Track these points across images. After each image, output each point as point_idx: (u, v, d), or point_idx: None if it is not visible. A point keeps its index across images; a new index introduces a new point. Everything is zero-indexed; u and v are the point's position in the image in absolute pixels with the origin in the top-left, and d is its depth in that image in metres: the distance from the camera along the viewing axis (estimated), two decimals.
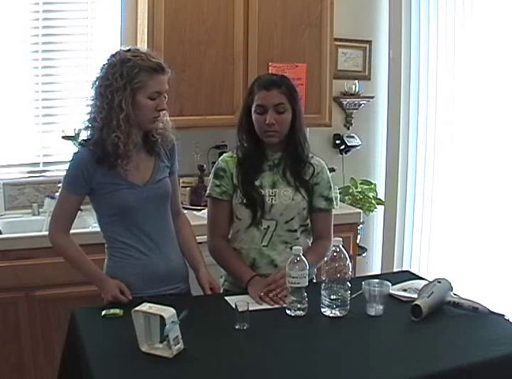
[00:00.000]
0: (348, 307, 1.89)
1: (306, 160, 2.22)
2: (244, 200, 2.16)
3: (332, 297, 1.87)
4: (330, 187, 2.27)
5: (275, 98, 2.11)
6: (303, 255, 1.92)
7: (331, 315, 1.88)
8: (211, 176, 2.25)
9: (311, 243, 2.28)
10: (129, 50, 1.97)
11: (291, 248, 2.16)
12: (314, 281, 2.26)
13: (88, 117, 2.00)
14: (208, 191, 2.23)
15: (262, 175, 2.19)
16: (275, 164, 2.20)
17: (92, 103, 1.98)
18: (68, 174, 2.03)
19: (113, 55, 1.96)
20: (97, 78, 1.96)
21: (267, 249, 2.18)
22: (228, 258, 2.20)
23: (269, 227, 2.17)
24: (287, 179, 2.19)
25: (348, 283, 1.89)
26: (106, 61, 1.97)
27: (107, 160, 1.95)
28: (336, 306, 1.87)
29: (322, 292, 1.89)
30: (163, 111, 2.01)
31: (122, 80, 1.90)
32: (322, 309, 1.89)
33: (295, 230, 2.20)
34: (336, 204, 2.34)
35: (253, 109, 2.14)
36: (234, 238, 2.25)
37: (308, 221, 2.26)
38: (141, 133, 2.04)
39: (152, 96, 1.95)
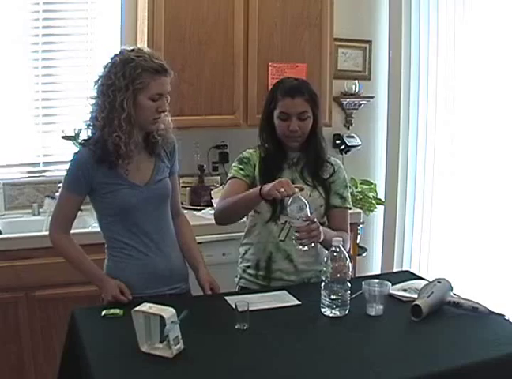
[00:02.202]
0: (348, 307, 1.89)
1: (325, 159, 2.28)
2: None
3: (332, 297, 1.87)
4: (346, 186, 2.32)
5: (299, 106, 2.15)
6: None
7: (331, 315, 1.88)
8: (234, 164, 2.28)
9: None
10: (132, 50, 1.96)
11: None
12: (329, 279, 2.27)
13: (89, 116, 1.99)
14: (230, 175, 2.24)
15: (282, 173, 2.23)
16: (293, 163, 2.25)
17: (93, 101, 1.97)
18: (68, 174, 2.03)
19: (116, 54, 1.96)
20: (100, 77, 1.96)
21: (284, 244, 2.20)
22: (235, 197, 2.12)
23: (286, 222, 2.18)
24: (304, 178, 2.24)
25: (348, 283, 1.89)
26: (109, 60, 1.96)
27: (107, 160, 1.95)
28: (336, 306, 1.87)
29: (322, 292, 1.89)
30: (165, 112, 2.01)
31: (125, 80, 1.89)
32: (322, 309, 1.89)
33: None
34: (350, 204, 2.31)
35: (275, 114, 2.18)
36: (250, 231, 2.27)
37: (324, 219, 2.28)
38: (142, 134, 2.04)
39: (154, 98, 1.94)
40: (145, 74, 1.91)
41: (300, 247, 1.98)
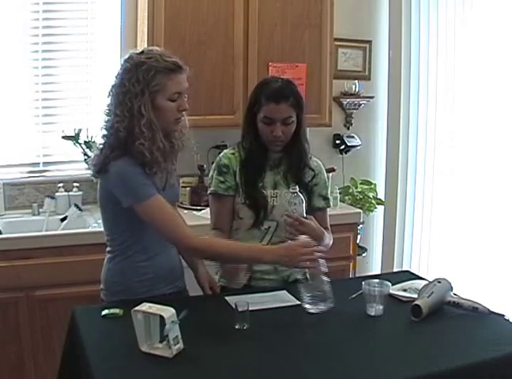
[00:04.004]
0: (332, 300, 1.87)
1: (307, 164, 2.24)
2: (247, 201, 2.16)
3: (312, 293, 1.87)
4: (327, 186, 2.32)
5: (284, 112, 2.10)
6: None
7: (318, 311, 1.87)
8: (213, 173, 2.23)
9: None
10: (142, 52, 1.89)
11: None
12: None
13: (106, 128, 1.90)
14: (212, 188, 2.21)
15: (264, 175, 2.20)
16: (275, 164, 2.21)
17: (109, 111, 1.89)
18: (133, 185, 1.85)
19: (126, 60, 1.88)
20: (113, 86, 1.89)
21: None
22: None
23: (269, 227, 2.19)
24: (287, 181, 2.20)
25: (325, 276, 1.87)
26: (120, 68, 1.89)
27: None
28: (320, 301, 1.87)
29: (302, 291, 1.89)
30: (185, 112, 1.95)
31: (139, 85, 1.82)
32: (307, 307, 1.88)
33: None
34: (335, 205, 2.33)
35: (259, 117, 2.13)
36: (233, 234, 2.25)
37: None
38: (168, 139, 1.95)
39: (172, 98, 1.88)
40: (160, 75, 1.84)
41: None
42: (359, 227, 3.46)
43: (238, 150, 2.23)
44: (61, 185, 3.19)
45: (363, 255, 3.75)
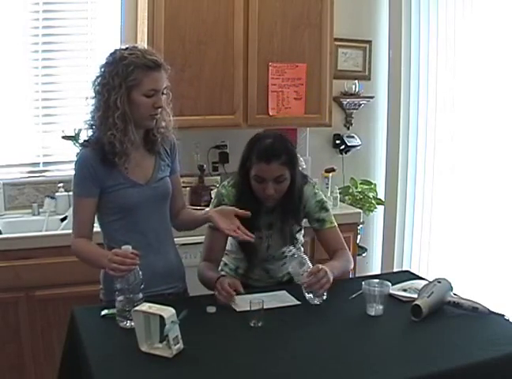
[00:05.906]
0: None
1: (299, 215, 2.22)
2: (240, 244, 2.20)
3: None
4: (321, 208, 2.23)
5: (275, 171, 2.05)
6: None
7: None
8: (214, 208, 2.16)
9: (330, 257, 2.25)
10: (126, 48, 1.97)
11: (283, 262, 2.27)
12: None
13: (88, 116, 2.00)
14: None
15: (259, 217, 2.16)
16: (270, 210, 2.20)
17: (91, 102, 1.98)
18: (76, 180, 2.02)
19: (111, 54, 1.97)
20: (96, 77, 1.97)
21: (262, 263, 2.27)
22: (206, 270, 2.14)
23: (265, 260, 2.26)
24: (281, 224, 2.20)
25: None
26: (104, 60, 1.97)
27: (108, 159, 1.96)
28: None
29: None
30: (160, 109, 1.99)
31: (118, 79, 1.90)
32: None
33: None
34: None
35: (251, 174, 2.10)
36: (231, 250, 2.29)
37: (300, 243, 2.33)
38: (141, 132, 2.04)
39: (148, 94, 1.94)
40: (137, 71, 1.90)
41: (314, 300, 1.99)
42: (359, 227, 3.46)
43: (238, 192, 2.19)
44: (61, 185, 3.19)
45: (363, 255, 3.75)
